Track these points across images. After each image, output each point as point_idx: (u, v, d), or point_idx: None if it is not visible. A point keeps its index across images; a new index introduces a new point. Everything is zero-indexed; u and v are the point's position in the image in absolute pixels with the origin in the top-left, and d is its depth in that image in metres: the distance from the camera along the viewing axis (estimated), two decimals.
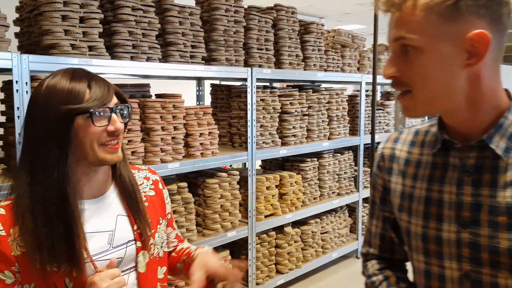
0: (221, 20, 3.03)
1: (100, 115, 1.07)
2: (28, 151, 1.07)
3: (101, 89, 1.07)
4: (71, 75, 1.07)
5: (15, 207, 1.05)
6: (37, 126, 1.05)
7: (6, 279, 1.03)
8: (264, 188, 3.40)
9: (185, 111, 2.87)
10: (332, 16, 9.48)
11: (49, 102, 1.04)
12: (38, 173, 1.05)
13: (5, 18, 2.09)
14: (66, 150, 1.05)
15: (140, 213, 1.21)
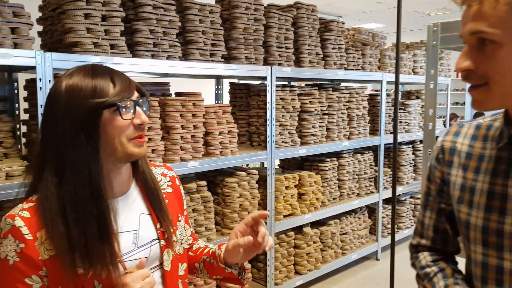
0: (241, 18, 3.02)
1: (126, 108, 1.06)
2: (52, 151, 1.04)
3: (124, 83, 1.07)
4: (92, 71, 1.06)
5: (41, 209, 1.02)
6: (62, 124, 1.02)
7: (34, 284, 1.01)
8: (283, 188, 3.38)
9: (205, 110, 2.86)
10: (350, 15, 9.39)
11: (74, 99, 1.02)
12: (67, 172, 1.02)
13: (29, 17, 2.11)
14: (97, 145, 1.03)
15: (163, 212, 1.19)
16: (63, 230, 1.00)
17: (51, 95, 1.06)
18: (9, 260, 1.00)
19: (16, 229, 1.00)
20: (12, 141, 2.28)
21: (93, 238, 1.01)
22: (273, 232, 3.28)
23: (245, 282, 1.29)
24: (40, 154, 1.06)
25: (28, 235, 1.00)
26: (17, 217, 1.01)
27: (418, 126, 4.87)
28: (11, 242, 1.00)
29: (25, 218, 1.02)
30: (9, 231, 1.01)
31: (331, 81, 4.37)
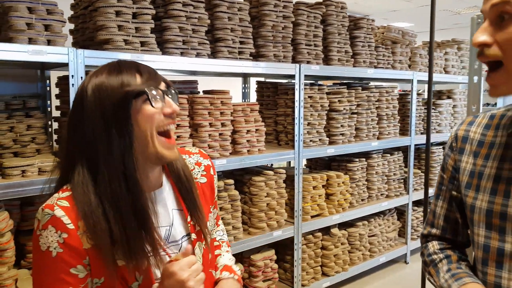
0: (270, 16, 2.99)
1: (155, 97, 1.04)
2: (83, 149, 1.02)
3: (151, 73, 1.06)
4: (118, 66, 1.05)
5: (80, 204, 1.00)
6: (92, 121, 1.01)
7: (79, 273, 1.00)
8: (311, 188, 3.33)
9: (233, 108, 2.84)
10: (378, 14, 9.25)
11: (102, 94, 1.01)
12: (101, 170, 1.00)
13: (62, 14, 2.14)
14: (130, 138, 1.01)
15: (196, 207, 1.17)
16: (104, 225, 0.99)
17: (79, 94, 1.05)
18: (51, 251, 0.98)
19: (57, 219, 0.98)
20: (45, 137, 2.31)
21: (134, 233, 1.00)
22: (300, 233, 3.23)
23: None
24: (69, 153, 1.05)
25: (70, 224, 0.99)
26: (56, 207, 0.99)
27: (450, 126, 4.74)
28: (52, 233, 0.98)
29: (65, 208, 1.00)
30: (49, 222, 0.98)
31: (359, 80, 4.29)
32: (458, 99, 4.89)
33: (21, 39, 1.98)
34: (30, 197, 2.25)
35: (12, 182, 1.97)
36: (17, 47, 1.91)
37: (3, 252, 1.97)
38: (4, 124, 2.18)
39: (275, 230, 3.07)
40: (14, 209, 2.19)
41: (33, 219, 2.18)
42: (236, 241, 2.85)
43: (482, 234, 1.00)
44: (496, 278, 0.97)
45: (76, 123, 1.04)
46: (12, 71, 2.58)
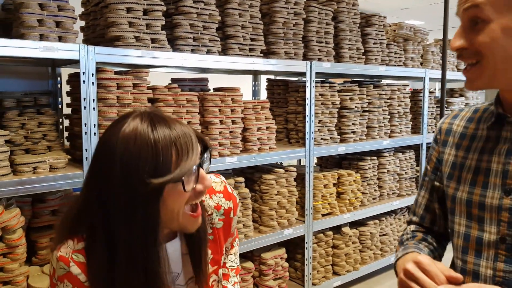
0: (281, 12, 2.97)
1: (190, 180, 0.93)
2: (103, 225, 0.92)
3: (188, 149, 0.92)
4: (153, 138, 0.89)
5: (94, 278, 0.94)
6: (118, 191, 0.89)
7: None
8: (322, 186, 3.30)
9: (243, 105, 2.82)
10: (388, 12, 9.16)
11: (133, 168, 0.88)
12: (120, 251, 0.90)
13: (73, 10, 2.13)
14: (155, 222, 0.91)
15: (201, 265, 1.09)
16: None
17: (105, 155, 0.92)
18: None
19: (73, 276, 0.94)
20: (56, 134, 2.31)
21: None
22: (311, 231, 3.20)
23: None
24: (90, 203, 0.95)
25: (86, 282, 0.94)
26: (72, 263, 0.94)
27: None
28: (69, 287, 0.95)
29: (81, 264, 0.94)
30: (64, 276, 0.95)
31: (370, 77, 4.25)
32: (470, 97, 4.82)
33: (32, 36, 1.98)
34: (42, 193, 2.26)
35: (23, 179, 1.97)
36: (28, 43, 1.91)
37: (15, 248, 1.97)
38: (15, 121, 2.18)
39: (286, 228, 3.04)
40: (25, 206, 2.19)
41: (45, 216, 2.18)
42: (247, 239, 2.83)
43: (463, 224, 1.04)
44: (475, 266, 1.01)
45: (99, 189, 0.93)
46: (23, 68, 2.59)
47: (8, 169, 1.99)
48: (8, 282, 1.97)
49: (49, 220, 2.27)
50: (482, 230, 0.99)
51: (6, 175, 1.97)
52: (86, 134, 2.11)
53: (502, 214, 0.96)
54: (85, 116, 2.10)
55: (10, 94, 2.32)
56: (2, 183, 1.91)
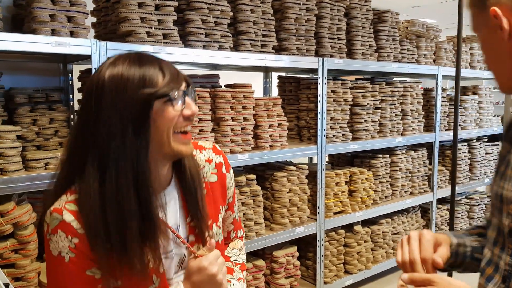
0: (293, 8, 2.93)
1: (177, 99, 0.99)
2: (95, 144, 0.95)
3: (173, 73, 1.00)
4: (139, 60, 0.98)
5: (82, 209, 0.95)
6: (108, 116, 0.94)
7: (95, 274, 0.97)
8: (334, 184, 3.26)
9: (255, 102, 2.80)
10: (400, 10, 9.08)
11: (121, 89, 0.94)
12: (110, 168, 0.94)
13: (85, 6, 2.12)
14: (147, 139, 0.95)
15: (198, 211, 1.11)
16: (103, 231, 0.93)
17: (93, 85, 0.97)
18: (64, 256, 0.95)
19: (66, 224, 0.95)
20: (67, 130, 2.30)
21: (134, 242, 0.95)
22: (323, 229, 3.17)
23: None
24: (79, 147, 0.98)
25: (80, 229, 0.95)
26: (65, 211, 0.95)
27: (475, 123, 4.61)
28: (62, 238, 0.95)
29: (74, 212, 0.96)
30: (58, 227, 0.95)
31: (382, 74, 4.21)
32: (483, 95, 4.75)
33: (44, 31, 1.97)
34: None
35: (35, 175, 1.97)
36: (40, 38, 1.90)
37: (26, 244, 1.96)
38: (27, 117, 2.18)
39: (298, 226, 3.01)
40: (37, 202, 2.18)
41: None
42: (258, 236, 2.80)
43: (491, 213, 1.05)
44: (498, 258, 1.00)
45: (89, 115, 0.96)
46: (34, 65, 2.58)
47: (20, 165, 1.98)
48: (20, 278, 1.97)
49: None
50: (501, 222, 0.99)
51: (18, 170, 1.97)
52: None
53: (510, 206, 0.96)
54: None
55: (22, 90, 2.31)
56: (14, 178, 1.90)
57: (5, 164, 1.93)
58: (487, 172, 4.83)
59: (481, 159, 4.73)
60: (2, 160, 1.93)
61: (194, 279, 1.00)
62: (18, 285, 1.96)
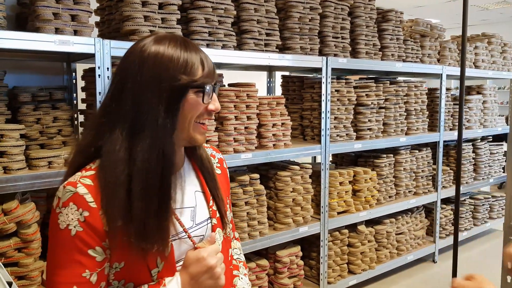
0: (297, 7, 2.92)
1: (208, 93, 1.03)
2: (129, 112, 0.97)
3: (211, 67, 1.04)
4: (185, 45, 1.01)
5: (102, 174, 0.95)
6: (146, 88, 0.97)
7: (97, 255, 0.95)
8: (337, 184, 3.25)
9: (259, 101, 2.79)
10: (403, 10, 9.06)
11: (163, 67, 0.97)
12: (142, 138, 0.96)
13: (88, 4, 2.12)
14: (174, 120, 0.99)
15: (217, 191, 1.17)
16: (124, 199, 0.94)
17: (137, 55, 0.99)
18: (71, 230, 0.93)
19: (79, 196, 0.94)
20: (71, 129, 2.30)
21: (152, 213, 0.96)
22: (327, 229, 3.16)
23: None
24: (113, 111, 0.99)
25: (92, 203, 0.94)
26: (79, 184, 0.95)
27: (479, 123, 4.58)
28: (73, 211, 0.93)
29: (88, 186, 0.95)
30: (70, 199, 0.94)
31: (386, 74, 4.19)
32: (488, 94, 4.73)
33: (47, 29, 1.97)
34: (56, 189, 2.25)
35: (39, 173, 1.96)
36: (44, 37, 1.89)
37: (29, 243, 1.96)
38: (30, 116, 2.18)
39: (301, 226, 3.00)
40: (40, 201, 2.18)
41: None
42: (262, 236, 2.79)
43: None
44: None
45: (127, 84, 0.98)
46: (38, 64, 2.58)
47: (23, 163, 1.98)
48: (23, 277, 1.96)
49: None
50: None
51: (22, 169, 1.96)
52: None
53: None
54: None
55: (25, 89, 2.31)
56: (18, 177, 1.90)
57: (8, 162, 1.93)
58: (491, 172, 4.81)
59: (486, 159, 4.71)
60: (5, 159, 1.93)
61: (191, 269, 0.99)
62: (21, 283, 1.95)
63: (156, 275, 1.00)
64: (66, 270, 0.93)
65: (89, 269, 0.94)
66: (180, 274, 1.00)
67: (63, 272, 0.94)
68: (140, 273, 0.99)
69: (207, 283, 1.00)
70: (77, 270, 0.94)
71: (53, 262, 0.96)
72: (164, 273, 1.00)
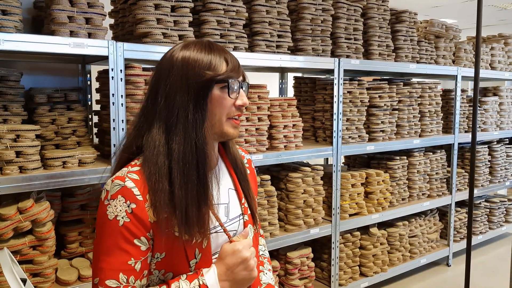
0: (309, 9, 2.93)
1: (233, 88, 1.10)
2: (163, 110, 1.08)
3: (235, 64, 1.11)
4: (209, 47, 1.10)
5: (148, 169, 1.04)
6: (176, 88, 1.07)
7: (141, 245, 1.02)
8: (349, 186, 3.24)
9: (270, 102, 2.80)
10: (419, 10, 8.97)
11: (190, 68, 1.07)
12: (177, 132, 1.06)
13: (102, 7, 2.16)
14: (203, 115, 1.07)
15: (248, 189, 1.24)
16: (167, 187, 1.02)
17: (167, 61, 1.10)
18: (119, 220, 1.01)
19: (127, 189, 1.02)
20: (85, 130, 2.35)
21: (193, 203, 1.03)
22: (338, 231, 3.15)
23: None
24: (150, 111, 1.10)
25: (139, 196, 1.02)
26: (127, 179, 1.03)
27: (495, 125, 4.52)
28: (121, 203, 1.01)
29: (135, 180, 1.04)
30: (118, 192, 1.02)
31: (400, 75, 4.16)
32: (504, 96, 4.66)
33: (62, 32, 2.01)
34: (70, 189, 2.30)
35: (53, 173, 2.01)
36: (59, 39, 1.94)
37: (44, 241, 2.01)
38: (46, 117, 2.23)
39: (312, 227, 3.00)
40: (55, 200, 2.23)
41: (74, 210, 2.22)
42: (272, 237, 2.81)
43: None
44: None
45: (161, 86, 1.09)
46: (54, 65, 2.64)
47: (38, 163, 2.03)
48: (37, 274, 2.01)
49: (78, 214, 2.31)
50: None
51: (37, 168, 2.01)
52: (114, 129, 2.13)
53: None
54: (114, 112, 2.12)
55: (41, 90, 2.36)
56: (33, 176, 1.95)
57: (24, 162, 1.97)
58: (507, 175, 4.73)
59: (502, 161, 4.63)
60: (21, 158, 1.98)
61: (227, 261, 1.06)
62: (35, 281, 2.00)
63: (194, 266, 1.07)
64: (112, 257, 1.00)
65: (134, 257, 1.01)
66: (216, 265, 1.07)
67: (110, 259, 1.01)
68: (179, 264, 1.06)
69: (242, 274, 1.06)
70: (123, 258, 1.01)
71: (101, 250, 1.03)
72: (202, 264, 1.08)
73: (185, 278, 1.05)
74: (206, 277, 1.04)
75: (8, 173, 1.92)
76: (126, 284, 1.01)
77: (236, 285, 1.06)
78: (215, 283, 1.03)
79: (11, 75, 2.24)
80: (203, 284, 1.03)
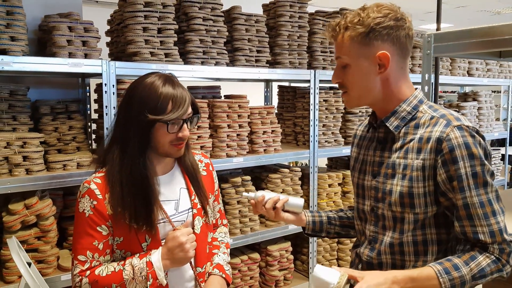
0: (285, 26, 3.24)
1: (175, 124, 1.42)
2: (118, 139, 1.44)
3: (181, 105, 1.40)
4: (162, 88, 1.39)
5: (108, 177, 1.42)
6: (127, 122, 1.42)
7: (103, 231, 1.41)
8: (326, 185, 3.54)
9: (250, 111, 3.11)
10: (414, 15, 9.21)
11: (141, 108, 1.38)
12: (126, 156, 1.41)
13: (97, 31, 2.49)
14: (146, 146, 1.42)
15: (199, 188, 1.57)
16: (120, 197, 1.38)
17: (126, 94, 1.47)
18: (85, 213, 1.40)
19: (91, 191, 1.42)
20: (84, 136, 2.68)
21: (139, 205, 1.39)
22: None
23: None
24: (113, 135, 1.47)
25: (99, 195, 1.40)
26: (92, 183, 1.42)
27: None
28: (87, 200, 1.40)
29: (97, 184, 1.42)
30: (86, 192, 1.41)
31: None
32: (483, 101, 4.91)
33: (62, 54, 2.35)
34: (72, 187, 2.63)
35: (55, 174, 2.35)
36: (59, 60, 2.28)
37: (47, 233, 2.34)
38: (49, 125, 2.56)
39: None
40: (57, 198, 2.56)
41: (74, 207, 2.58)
42: (253, 232, 3.12)
43: (356, 200, 1.50)
44: (358, 226, 1.50)
45: (120, 117, 1.46)
46: (56, 79, 2.97)
47: (42, 166, 2.37)
48: (42, 261, 2.35)
49: None
50: (363, 204, 1.44)
51: (41, 171, 2.35)
52: (107, 136, 2.46)
53: (370, 192, 1.39)
54: (107, 121, 2.45)
55: (45, 102, 2.70)
56: (38, 177, 2.29)
57: (30, 165, 2.32)
58: None
59: None
60: (27, 162, 2.32)
61: (168, 244, 1.41)
62: (40, 266, 2.33)
63: (145, 247, 1.44)
64: (82, 239, 1.41)
65: (97, 240, 1.41)
66: (162, 247, 1.43)
67: (81, 241, 1.41)
68: (134, 246, 1.43)
69: (179, 255, 1.40)
70: (89, 240, 1.40)
71: (75, 234, 1.45)
72: (152, 246, 1.44)
73: (137, 256, 1.42)
74: (152, 256, 1.40)
75: (16, 175, 2.26)
76: (92, 259, 1.40)
77: (175, 263, 1.41)
78: (157, 260, 1.39)
79: (19, 90, 2.58)
80: (149, 261, 1.39)
